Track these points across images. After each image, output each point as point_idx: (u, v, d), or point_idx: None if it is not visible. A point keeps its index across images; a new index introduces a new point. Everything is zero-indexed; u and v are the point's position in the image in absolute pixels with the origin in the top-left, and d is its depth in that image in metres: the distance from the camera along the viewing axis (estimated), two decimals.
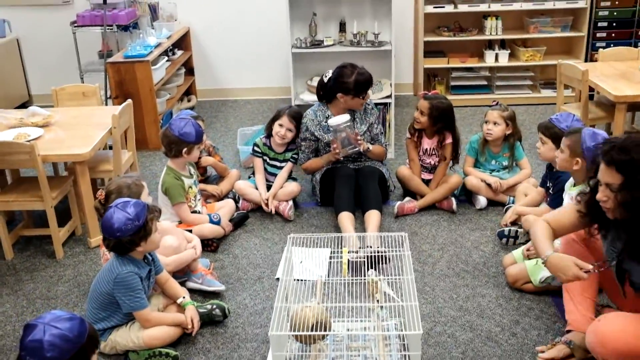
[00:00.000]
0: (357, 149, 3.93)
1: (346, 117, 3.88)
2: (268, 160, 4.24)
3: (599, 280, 2.74)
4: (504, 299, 3.21)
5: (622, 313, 2.50)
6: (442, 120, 4.04)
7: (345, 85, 3.92)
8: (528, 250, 3.28)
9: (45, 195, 3.57)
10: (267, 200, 4.08)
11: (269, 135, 4.21)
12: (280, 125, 4.12)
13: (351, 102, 3.98)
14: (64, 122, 4.05)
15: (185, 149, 3.67)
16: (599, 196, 2.37)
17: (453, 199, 4.09)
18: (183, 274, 3.41)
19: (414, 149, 4.20)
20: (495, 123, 4.04)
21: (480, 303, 3.19)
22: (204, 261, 3.49)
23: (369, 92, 4.05)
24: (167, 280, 3.05)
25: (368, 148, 4.01)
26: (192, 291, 3.33)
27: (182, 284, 3.33)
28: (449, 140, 4.11)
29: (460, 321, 3.06)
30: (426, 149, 4.17)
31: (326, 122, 4.01)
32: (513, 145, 4.10)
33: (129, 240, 2.74)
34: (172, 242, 3.27)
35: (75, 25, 5.78)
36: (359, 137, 3.92)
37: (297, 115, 4.14)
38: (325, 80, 4.04)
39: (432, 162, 4.18)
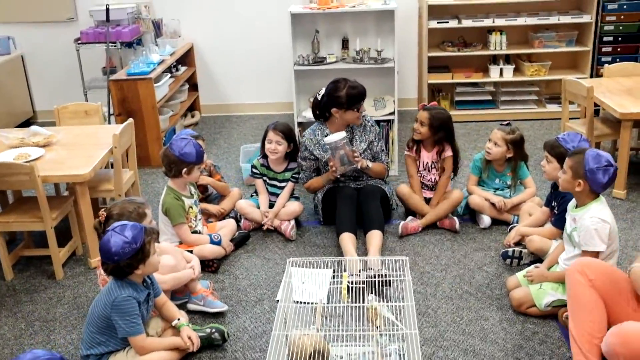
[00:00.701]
0: (354, 166, 3.90)
1: (342, 134, 3.86)
2: (267, 180, 4.22)
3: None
4: (508, 322, 3.16)
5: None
6: (442, 130, 4.02)
7: (338, 99, 3.91)
8: (530, 275, 3.22)
9: (45, 216, 3.56)
10: (267, 213, 4.06)
11: (264, 155, 4.19)
12: (269, 141, 4.10)
13: (345, 116, 3.96)
14: (65, 142, 4.04)
15: (185, 169, 3.65)
16: None
17: (456, 218, 4.05)
18: (183, 295, 3.39)
19: (413, 164, 4.16)
20: (495, 144, 4.00)
21: (483, 326, 3.14)
22: (203, 282, 3.45)
23: (364, 106, 4.02)
24: (165, 303, 3.01)
25: (367, 165, 3.97)
26: (194, 313, 3.31)
27: (183, 305, 3.31)
28: (448, 152, 4.08)
29: (463, 345, 3.01)
30: (426, 163, 4.14)
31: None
32: (515, 167, 4.05)
33: (127, 263, 2.72)
34: (169, 261, 3.24)
35: (79, 42, 5.80)
36: (356, 155, 3.89)
37: (282, 128, 4.12)
38: (319, 97, 4.02)
39: (433, 179, 4.14)
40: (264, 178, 4.22)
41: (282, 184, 4.20)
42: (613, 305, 2.65)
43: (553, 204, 3.61)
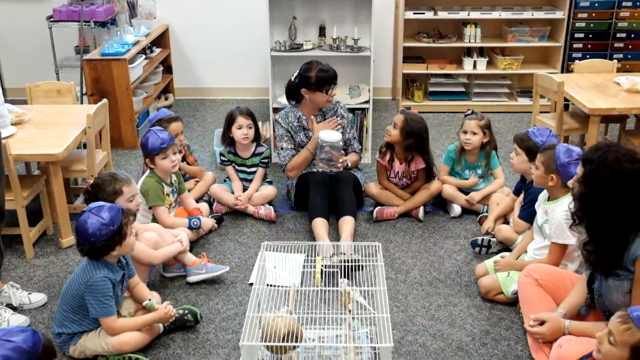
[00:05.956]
0: (337, 169, 3.93)
1: (338, 136, 3.89)
2: (236, 167, 4.23)
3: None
4: (476, 308, 3.24)
5: (584, 339, 2.53)
6: (413, 137, 3.93)
7: (308, 79, 3.95)
8: (496, 263, 3.31)
9: (17, 194, 3.52)
10: (239, 197, 4.07)
11: (229, 143, 4.19)
12: (239, 127, 4.09)
13: (314, 97, 4.00)
14: (37, 120, 3.99)
15: (158, 155, 3.66)
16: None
17: (421, 207, 4.10)
18: (174, 267, 3.48)
19: (383, 173, 4.15)
20: (474, 133, 4.06)
21: (451, 312, 3.21)
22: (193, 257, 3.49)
23: (336, 92, 4.04)
24: (137, 284, 3.03)
25: (347, 165, 4.03)
26: (196, 284, 3.41)
27: (175, 279, 3.44)
28: (420, 165, 4.05)
29: (432, 330, 3.08)
30: (397, 172, 4.13)
31: (298, 123, 4.04)
32: (489, 153, 4.12)
33: (103, 245, 2.72)
34: (151, 236, 3.29)
35: (52, 20, 5.69)
36: (341, 160, 3.92)
37: (249, 111, 4.14)
38: (292, 79, 4.05)
39: (403, 184, 4.16)
40: (233, 165, 4.23)
41: (251, 169, 4.21)
42: (561, 300, 2.78)
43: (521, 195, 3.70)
